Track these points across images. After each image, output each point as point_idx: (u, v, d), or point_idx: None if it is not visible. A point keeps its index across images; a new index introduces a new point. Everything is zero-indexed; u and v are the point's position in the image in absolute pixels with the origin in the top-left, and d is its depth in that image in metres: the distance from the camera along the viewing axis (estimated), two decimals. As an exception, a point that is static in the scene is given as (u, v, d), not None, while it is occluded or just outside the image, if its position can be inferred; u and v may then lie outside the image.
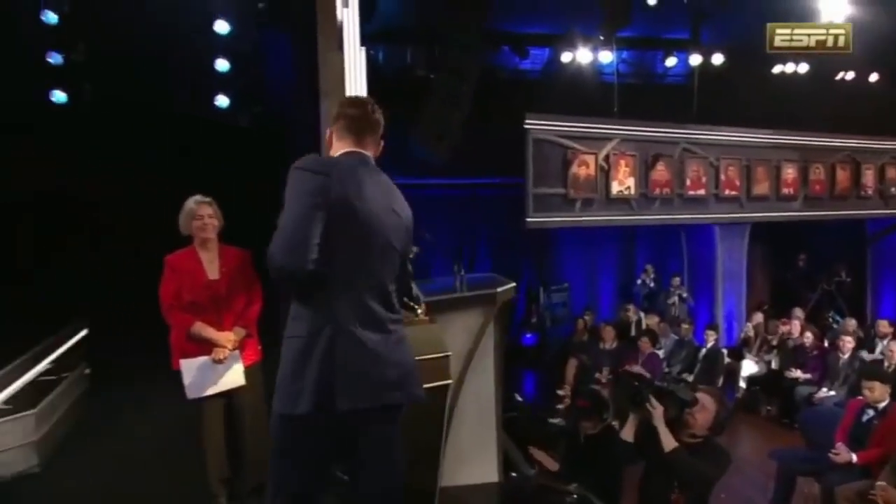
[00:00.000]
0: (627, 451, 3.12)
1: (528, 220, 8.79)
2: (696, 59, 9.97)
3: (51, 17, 7.04)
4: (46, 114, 7.50)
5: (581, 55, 9.57)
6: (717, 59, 10.00)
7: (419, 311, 2.92)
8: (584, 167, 8.99)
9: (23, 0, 7.01)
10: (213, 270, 3.36)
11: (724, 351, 8.48)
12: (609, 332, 8.28)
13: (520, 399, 7.94)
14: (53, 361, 6.10)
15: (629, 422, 3.09)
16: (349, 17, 6.99)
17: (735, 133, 9.90)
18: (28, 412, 4.57)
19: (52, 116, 7.56)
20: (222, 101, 7.64)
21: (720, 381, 8.11)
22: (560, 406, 7.78)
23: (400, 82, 9.75)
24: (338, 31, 6.86)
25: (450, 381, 2.77)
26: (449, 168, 9.19)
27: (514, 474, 4.07)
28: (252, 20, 7.47)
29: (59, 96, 7.38)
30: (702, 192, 9.74)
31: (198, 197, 3.42)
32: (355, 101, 2.36)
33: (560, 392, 8.08)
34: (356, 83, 7.16)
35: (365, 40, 9.15)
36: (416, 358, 2.15)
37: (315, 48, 6.88)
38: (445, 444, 3.07)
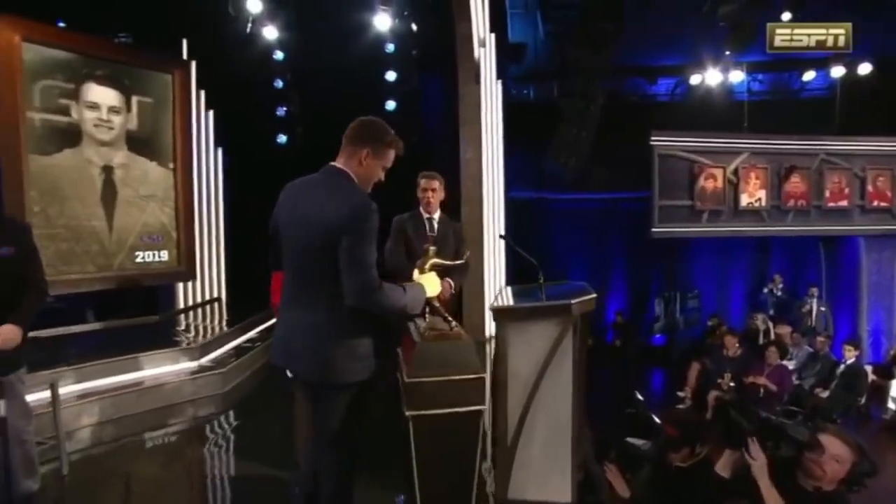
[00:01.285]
0: (723, 490, 2.14)
1: (654, 230, 7.68)
2: (838, 71, 7.78)
3: (279, 83, 7.69)
4: (274, 151, 8.09)
5: (710, 76, 8.00)
6: (864, 69, 7.67)
7: (453, 324, 2.17)
8: (712, 180, 7.57)
9: (262, 72, 7.62)
10: None
11: (868, 368, 6.35)
12: (731, 340, 6.66)
13: (640, 397, 6.70)
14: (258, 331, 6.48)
15: (726, 454, 2.16)
16: (486, 56, 6.62)
17: (886, 142, 7.50)
18: (220, 370, 4.71)
19: (278, 153, 8.13)
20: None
21: (863, 400, 6.09)
22: (680, 406, 6.40)
23: (543, 113, 9.01)
24: (475, 67, 6.51)
25: (483, 408, 2.02)
26: (585, 183, 8.32)
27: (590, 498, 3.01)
28: (413, 68, 7.34)
29: (282, 138, 7.96)
30: (844, 203, 7.56)
31: None
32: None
33: (680, 394, 6.69)
34: (492, 112, 6.72)
35: (513, 80, 8.71)
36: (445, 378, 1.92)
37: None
38: (503, 461, 2.43)
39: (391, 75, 7.41)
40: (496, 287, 6.56)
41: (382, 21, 6.52)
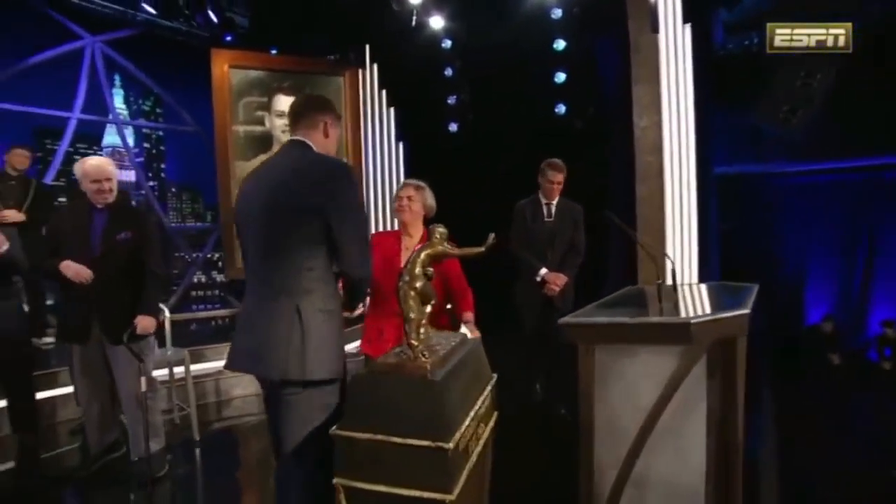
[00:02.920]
0: None
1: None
2: None
3: (448, 71, 7.54)
4: (447, 141, 7.96)
5: None
6: None
7: (420, 350, 1.39)
8: None
9: (432, 63, 7.56)
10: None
11: None
12: None
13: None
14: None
15: None
16: (665, -1, 5.18)
17: None
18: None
19: (451, 142, 7.99)
20: (560, 108, 6.71)
21: None
22: None
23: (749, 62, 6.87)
24: (651, 11, 5.15)
25: (448, 498, 1.22)
26: (825, 148, 6.00)
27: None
28: (582, 30, 6.30)
29: (453, 127, 7.78)
30: None
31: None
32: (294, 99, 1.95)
33: None
34: (677, 67, 5.26)
35: (726, 27, 6.81)
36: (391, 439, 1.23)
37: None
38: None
39: (560, 44, 6.49)
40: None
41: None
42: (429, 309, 1.53)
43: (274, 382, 1.56)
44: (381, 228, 7.81)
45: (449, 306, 2.40)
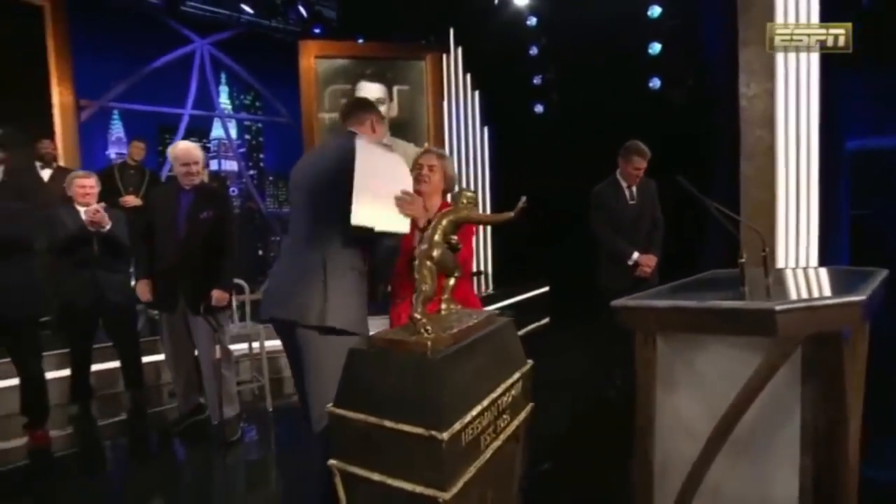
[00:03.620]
0: None
1: None
2: None
3: (533, 50, 7.20)
4: (533, 122, 7.65)
5: None
6: None
7: (423, 323, 1.16)
8: None
9: (517, 40, 7.28)
10: None
11: None
12: None
13: None
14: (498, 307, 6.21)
15: None
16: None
17: None
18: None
19: (537, 124, 7.66)
20: (654, 82, 6.10)
21: None
22: None
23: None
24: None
25: (443, 496, 1.05)
26: None
27: None
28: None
29: (538, 108, 7.44)
30: None
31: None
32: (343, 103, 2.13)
33: None
34: (798, 19, 4.47)
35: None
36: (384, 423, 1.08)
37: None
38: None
39: (655, 10, 5.85)
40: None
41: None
42: (452, 282, 1.38)
43: (293, 331, 1.61)
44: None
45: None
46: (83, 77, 5.71)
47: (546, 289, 7.32)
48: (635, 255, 3.19)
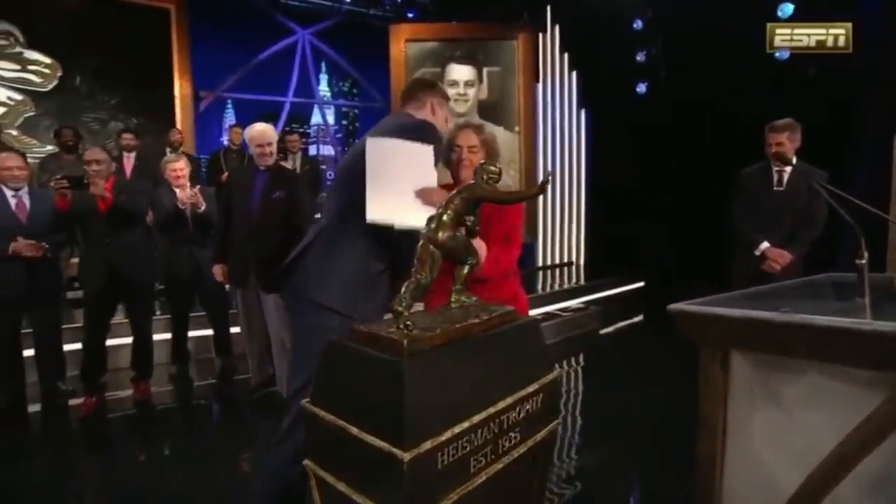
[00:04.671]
0: None
1: None
2: None
3: (638, 24, 6.56)
4: (635, 103, 7.01)
5: None
6: None
7: (405, 320, 0.96)
8: None
9: (619, 15, 6.69)
10: None
11: None
12: None
13: None
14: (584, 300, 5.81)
15: None
16: None
17: None
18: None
19: (639, 104, 7.00)
20: (782, 53, 5.23)
21: None
22: None
23: None
24: None
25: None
26: None
27: None
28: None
29: (641, 87, 6.79)
30: None
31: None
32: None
33: None
34: None
35: None
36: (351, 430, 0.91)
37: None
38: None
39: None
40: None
41: None
42: (465, 270, 1.18)
43: (317, 315, 1.54)
44: (557, 209, 7.32)
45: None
46: (201, 70, 6.25)
47: (641, 284, 6.72)
48: (764, 244, 2.83)
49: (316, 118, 7.50)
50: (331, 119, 7.61)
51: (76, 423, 3.06)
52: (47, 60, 5.50)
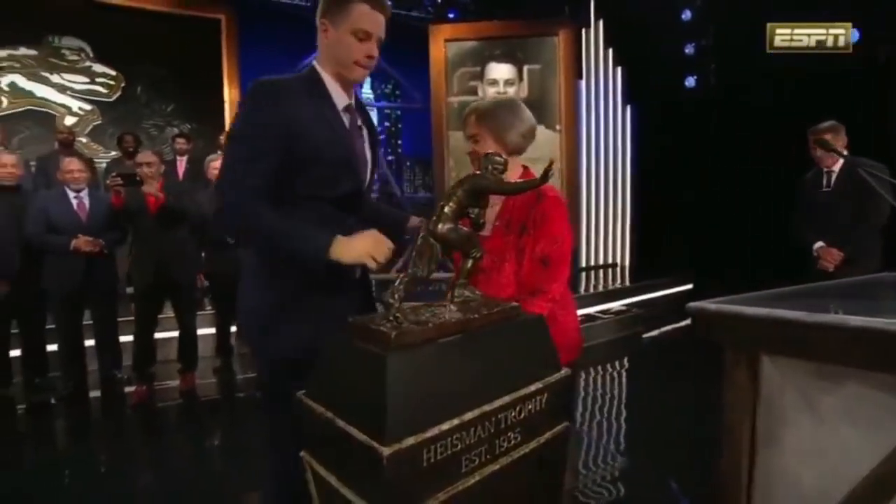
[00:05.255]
0: None
1: None
2: None
3: (686, 14, 6.28)
4: (683, 98, 6.71)
5: None
6: None
7: (396, 314, 0.92)
8: None
9: (667, 4, 6.43)
10: None
11: None
12: None
13: None
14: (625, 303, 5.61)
15: None
16: None
17: None
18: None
19: (687, 99, 6.70)
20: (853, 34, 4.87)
21: None
22: None
23: None
24: None
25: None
26: None
27: None
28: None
29: (690, 81, 6.50)
30: None
31: None
32: None
33: None
34: None
35: None
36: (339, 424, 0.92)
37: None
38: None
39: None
40: None
41: None
42: (469, 264, 1.15)
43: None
44: (601, 209, 7.11)
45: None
46: (249, 76, 6.51)
47: (689, 286, 6.40)
48: (817, 244, 2.87)
49: (359, 121, 7.66)
50: (375, 121, 7.76)
51: (129, 410, 3.25)
52: (112, 73, 5.90)
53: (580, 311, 5.04)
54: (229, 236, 3.35)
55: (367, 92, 7.54)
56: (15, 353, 3.43)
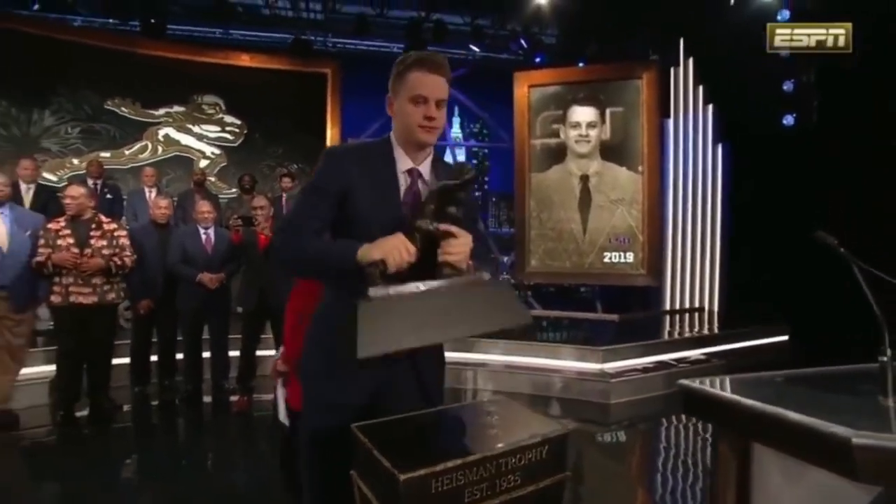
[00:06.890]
0: None
1: None
2: None
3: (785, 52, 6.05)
4: (780, 137, 6.41)
5: None
6: None
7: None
8: None
9: (760, 40, 6.25)
10: None
11: None
12: None
13: None
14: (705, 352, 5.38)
15: None
16: None
17: None
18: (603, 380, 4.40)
19: (785, 138, 6.39)
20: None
21: None
22: None
23: None
24: None
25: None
26: None
27: None
28: None
29: (788, 119, 6.22)
30: None
31: None
32: None
33: None
34: None
35: None
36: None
37: None
38: None
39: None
40: None
41: None
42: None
43: None
44: (688, 250, 6.93)
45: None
46: (350, 120, 7.32)
47: (785, 337, 5.98)
48: None
49: (447, 159, 8.19)
50: (462, 159, 8.25)
51: (233, 416, 3.82)
52: (238, 122, 7.00)
53: (652, 358, 4.86)
54: (282, 272, 3.79)
55: (455, 132, 8.07)
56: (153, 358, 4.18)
